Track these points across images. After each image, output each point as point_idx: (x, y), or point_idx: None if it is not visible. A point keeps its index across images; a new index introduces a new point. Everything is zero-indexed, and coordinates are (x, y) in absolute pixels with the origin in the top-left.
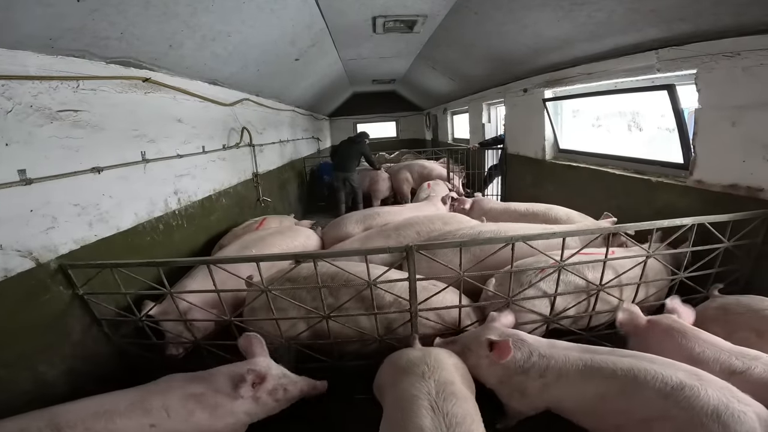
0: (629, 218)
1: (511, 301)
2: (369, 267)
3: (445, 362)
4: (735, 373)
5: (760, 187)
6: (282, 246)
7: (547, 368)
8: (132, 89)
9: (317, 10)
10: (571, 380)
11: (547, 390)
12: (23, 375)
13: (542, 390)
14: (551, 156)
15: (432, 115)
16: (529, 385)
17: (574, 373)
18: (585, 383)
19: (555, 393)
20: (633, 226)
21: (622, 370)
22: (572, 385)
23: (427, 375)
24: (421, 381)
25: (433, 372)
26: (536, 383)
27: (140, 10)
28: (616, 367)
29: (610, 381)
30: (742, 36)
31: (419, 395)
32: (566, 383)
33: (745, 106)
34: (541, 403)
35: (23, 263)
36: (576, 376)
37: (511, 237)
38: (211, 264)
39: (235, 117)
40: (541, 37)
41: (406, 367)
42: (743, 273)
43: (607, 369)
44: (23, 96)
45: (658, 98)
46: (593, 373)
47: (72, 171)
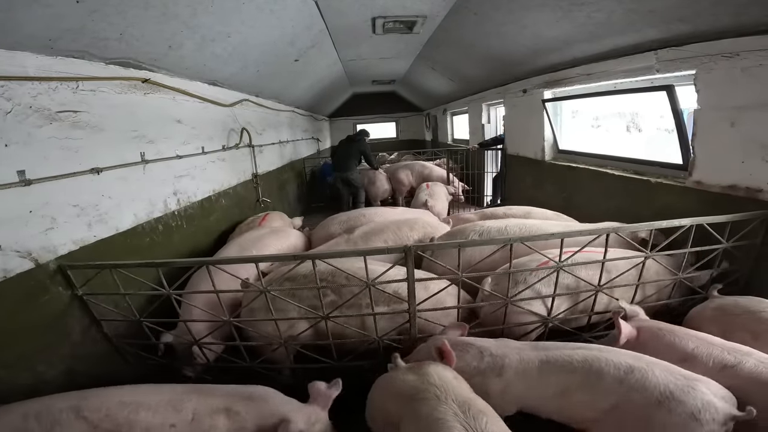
0: (628, 219)
1: (510, 302)
2: (368, 267)
3: (449, 378)
4: (727, 367)
5: (759, 188)
6: (276, 246)
7: (503, 367)
8: (131, 90)
9: (317, 10)
10: (530, 377)
11: (509, 390)
12: (23, 375)
13: (504, 390)
14: (551, 157)
15: (432, 115)
16: (490, 386)
17: (532, 369)
18: (544, 378)
19: (517, 392)
20: (632, 227)
21: (578, 362)
22: (532, 382)
23: (442, 397)
24: (442, 405)
25: (447, 392)
26: (496, 383)
27: (140, 10)
28: (572, 360)
29: (569, 375)
30: (741, 36)
31: (447, 419)
32: (526, 380)
33: (744, 107)
34: (507, 404)
35: (22, 264)
36: (534, 372)
37: (509, 238)
38: (210, 265)
39: (235, 118)
40: (540, 38)
41: (413, 393)
42: (742, 274)
43: (563, 363)
44: (22, 97)
45: (657, 99)
46: (551, 369)
47: (71, 172)
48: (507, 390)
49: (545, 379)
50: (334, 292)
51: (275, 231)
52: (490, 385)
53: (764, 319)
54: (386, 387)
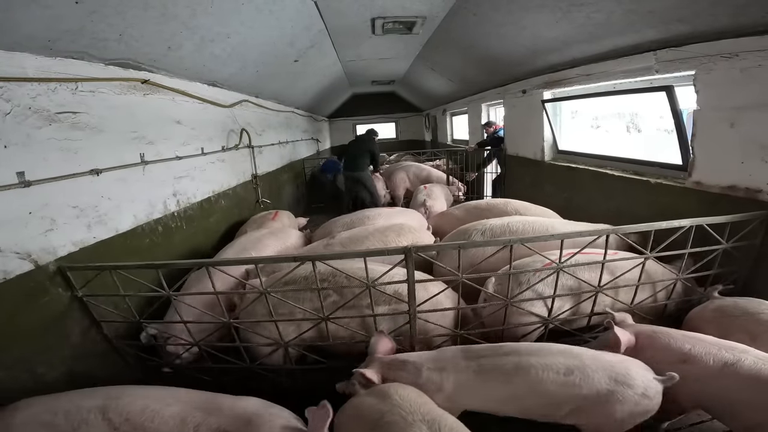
0: (628, 220)
1: (510, 303)
2: (368, 268)
3: (412, 397)
4: (727, 364)
5: (759, 189)
6: (276, 247)
7: (442, 381)
8: (131, 91)
9: (316, 11)
10: (471, 387)
11: (454, 399)
12: (23, 377)
13: (449, 400)
14: (550, 157)
15: (431, 116)
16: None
17: (470, 380)
18: (486, 386)
19: (464, 400)
20: (631, 227)
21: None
22: (475, 391)
23: (410, 418)
24: (411, 428)
25: (413, 413)
26: (438, 396)
27: (139, 11)
28: (505, 369)
29: (507, 385)
30: (741, 37)
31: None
32: (467, 390)
33: (743, 107)
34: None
35: (22, 265)
36: (472, 382)
37: (509, 239)
38: (209, 266)
39: (234, 118)
40: (539, 38)
41: (377, 418)
42: (742, 274)
43: (497, 373)
44: (22, 98)
45: (656, 99)
46: (487, 378)
47: (71, 173)
48: (452, 400)
49: (487, 387)
50: (336, 292)
51: (274, 232)
52: (433, 398)
53: (763, 320)
54: (350, 414)
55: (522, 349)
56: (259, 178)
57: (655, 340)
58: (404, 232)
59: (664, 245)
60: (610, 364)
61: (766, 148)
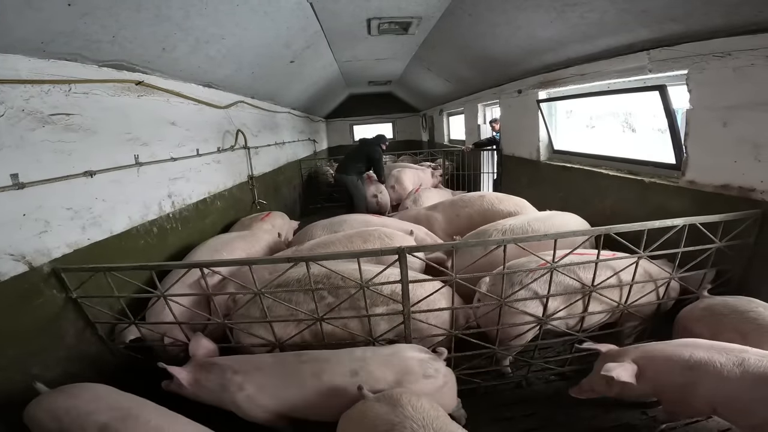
0: (623, 219)
1: (504, 303)
2: (361, 269)
3: (425, 408)
4: (735, 365)
5: (752, 187)
6: (246, 250)
7: (245, 383)
8: (125, 92)
9: (311, 12)
10: (273, 389)
11: (256, 399)
12: (17, 378)
13: (251, 400)
14: (546, 157)
15: (428, 116)
16: (237, 399)
17: (272, 382)
18: (287, 389)
19: (267, 402)
20: (624, 227)
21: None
22: (278, 393)
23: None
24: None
25: (426, 426)
26: (241, 396)
27: (132, 13)
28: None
29: (303, 389)
30: (733, 36)
31: None
32: (270, 392)
33: (736, 107)
34: (263, 413)
35: (16, 267)
36: (275, 384)
37: (503, 239)
38: (203, 267)
39: (230, 119)
40: (534, 38)
41: (388, 429)
42: (736, 273)
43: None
44: (15, 100)
45: (650, 99)
46: (287, 381)
47: (64, 175)
48: (254, 399)
49: (287, 391)
50: (331, 293)
51: (243, 236)
52: (237, 398)
53: (752, 318)
54: (356, 420)
55: (320, 356)
56: (255, 179)
57: (653, 358)
58: (372, 238)
59: (658, 244)
60: (386, 358)
61: (759, 147)
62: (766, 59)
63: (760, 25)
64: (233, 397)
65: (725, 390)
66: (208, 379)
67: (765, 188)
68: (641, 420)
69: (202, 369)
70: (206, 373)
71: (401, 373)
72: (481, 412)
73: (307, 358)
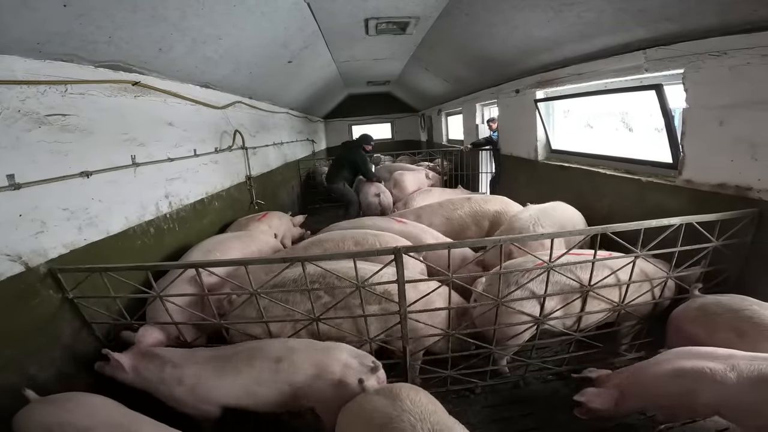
0: (620, 218)
1: (501, 303)
2: (357, 269)
3: (423, 402)
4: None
5: (749, 186)
6: (240, 250)
7: (183, 376)
8: (121, 93)
9: (309, 12)
10: (213, 381)
11: (197, 392)
12: (13, 378)
13: (191, 393)
14: (543, 156)
15: (427, 116)
16: (175, 393)
17: (210, 373)
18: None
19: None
20: (621, 226)
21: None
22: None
23: (418, 426)
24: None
25: (423, 420)
26: (180, 390)
27: (128, 14)
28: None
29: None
30: (728, 35)
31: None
32: (208, 383)
33: (732, 106)
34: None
35: (13, 267)
36: (212, 375)
37: (499, 239)
38: (198, 268)
39: (228, 120)
40: (531, 38)
41: (385, 422)
42: (733, 272)
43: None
44: (11, 101)
45: (647, 98)
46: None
47: (61, 175)
48: (195, 393)
49: (223, 380)
50: (327, 294)
51: (238, 236)
52: (176, 392)
53: (747, 317)
54: (356, 413)
55: (254, 345)
56: (253, 179)
57: (637, 378)
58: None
59: (654, 243)
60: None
61: (756, 146)
62: (761, 58)
63: (756, 23)
64: (171, 391)
65: (726, 394)
66: (147, 369)
67: (762, 187)
68: (639, 420)
69: (144, 358)
70: (147, 362)
71: (321, 370)
72: (478, 411)
73: (242, 348)
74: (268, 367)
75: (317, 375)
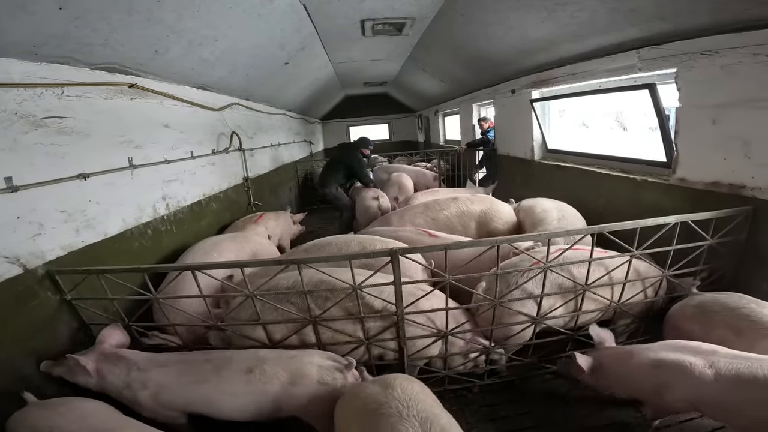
0: (616, 217)
1: (498, 303)
2: (354, 272)
3: (414, 391)
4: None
5: (742, 184)
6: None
7: (148, 380)
8: (118, 95)
9: (305, 14)
10: (173, 386)
11: (160, 399)
12: (11, 379)
13: (154, 398)
14: (540, 156)
15: (424, 116)
16: (138, 397)
17: (174, 379)
18: (188, 387)
19: (170, 399)
20: (617, 225)
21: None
22: (179, 390)
23: (404, 413)
24: (403, 422)
25: (410, 407)
26: (144, 394)
27: (124, 16)
28: (201, 372)
29: (203, 385)
30: (720, 34)
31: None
32: (171, 389)
33: (724, 104)
34: (165, 410)
35: (11, 269)
36: (175, 381)
37: (496, 239)
38: (195, 270)
39: (225, 121)
40: (526, 38)
41: (375, 408)
42: (728, 270)
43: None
44: (8, 103)
45: (642, 97)
46: (186, 379)
47: (58, 178)
48: (157, 398)
49: (188, 389)
50: (321, 297)
51: (233, 237)
52: (139, 396)
53: (744, 315)
54: (349, 401)
55: (224, 355)
56: (250, 180)
57: (623, 362)
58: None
59: (650, 242)
60: (285, 360)
61: (748, 144)
62: (753, 57)
63: (747, 22)
64: (135, 396)
65: (701, 391)
66: (111, 372)
67: (755, 185)
68: (635, 418)
69: (107, 360)
70: (111, 365)
71: (295, 375)
72: (476, 411)
73: (212, 357)
74: (238, 378)
75: (292, 382)
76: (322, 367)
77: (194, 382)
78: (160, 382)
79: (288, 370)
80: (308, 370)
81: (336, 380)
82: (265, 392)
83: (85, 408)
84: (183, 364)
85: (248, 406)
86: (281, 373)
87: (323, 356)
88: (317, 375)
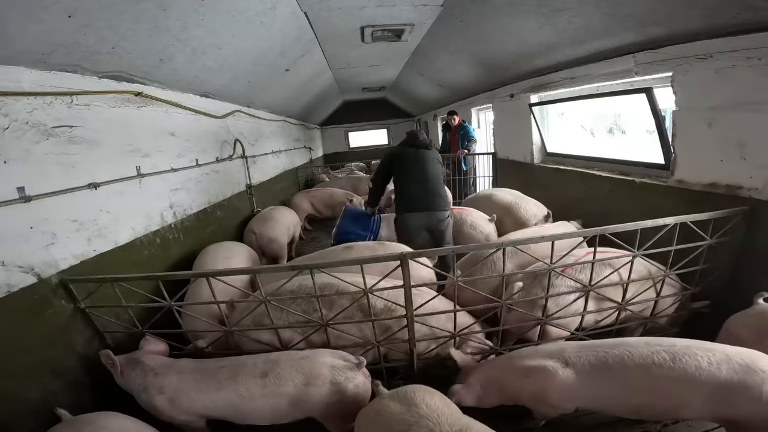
0: (617, 219)
1: (505, 304)
2: (365, 276)
3: (439, 406)
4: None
5: (739, 185)
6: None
7: (164, 385)
8: (125, 104)
9: (306, 21)
10: (191, 391)
11: (177, 404)
12: (28, 386)
13: (171, 403)
14: (539, 159)
15: (422, 121)
16: (155, 402)
17: (191, 384)
18: (206, 392)
19: (188, 405)
20: (618, 227)
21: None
22: (197, 394)
23: (437, 430)
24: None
25: (441, 423)
26: (160, 399)
27: (131, 24)
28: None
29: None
30: (714, 38)
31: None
32: (188, 394)
33: (719, 107)
34: (181, 415)
35: (25, 279)
36: (192, 386)
37: (502, 242)
38: (210, 277)
39: (227, 129)
40: (524, 43)
41: (404, 429)
42: (727, 269)
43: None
44: (19, 112)
45: (640, 101)
46: (204, 384)
47: (69, 187)
48: (174, 403)
49: (206, 393)
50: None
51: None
52: (156, 401)
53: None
54: (373, 419)
55: (238, 360)
56: (253, 188)
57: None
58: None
59: (651, 243)
60: (297, 362)
61: (744, 146)
62: (746, 60)
63: (739, 27)
64: (152, 400)
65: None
66: (129, 375)
67: (751, 185)
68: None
69: (129, 364)
70: (130, 369)
71: (309, 377)
72: (476, 410)
73: (226, 363)
74: (254, 382)
75: (306, 383)
76: (334, 367)
77: (211, 389)
78: (176, 387)
79: (301, 371)
80: (321, 370)
81: (348, 380)
82: (280, 394)
83: (110, 427)
84: (198, 372)
85: (266, 410)
86: (295, 374)
87: (334, 355)
88: (330, 375)
